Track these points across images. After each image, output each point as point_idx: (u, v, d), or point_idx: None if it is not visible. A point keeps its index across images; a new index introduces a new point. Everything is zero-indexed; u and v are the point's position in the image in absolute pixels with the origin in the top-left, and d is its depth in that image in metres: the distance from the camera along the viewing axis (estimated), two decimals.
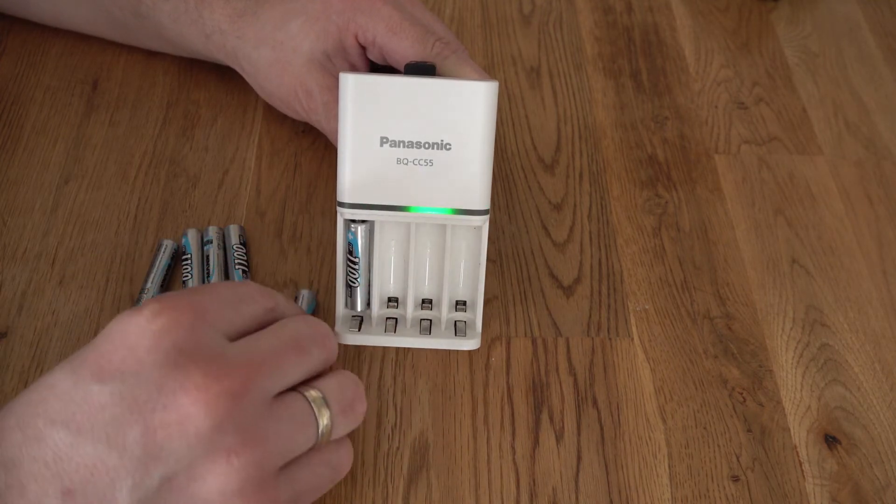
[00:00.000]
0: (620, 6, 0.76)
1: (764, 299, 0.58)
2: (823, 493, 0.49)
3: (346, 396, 0.44)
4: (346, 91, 0.49)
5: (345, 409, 0.44)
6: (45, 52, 0.69)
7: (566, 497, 0.49)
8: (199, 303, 0.41)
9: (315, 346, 0.44)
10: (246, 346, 0.42)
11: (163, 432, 0.38)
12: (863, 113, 0.69)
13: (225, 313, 0.42)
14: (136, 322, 0.39)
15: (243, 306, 0.43)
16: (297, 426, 0.42)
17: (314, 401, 0.43)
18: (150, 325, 0.39)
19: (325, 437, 0.43)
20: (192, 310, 0.41)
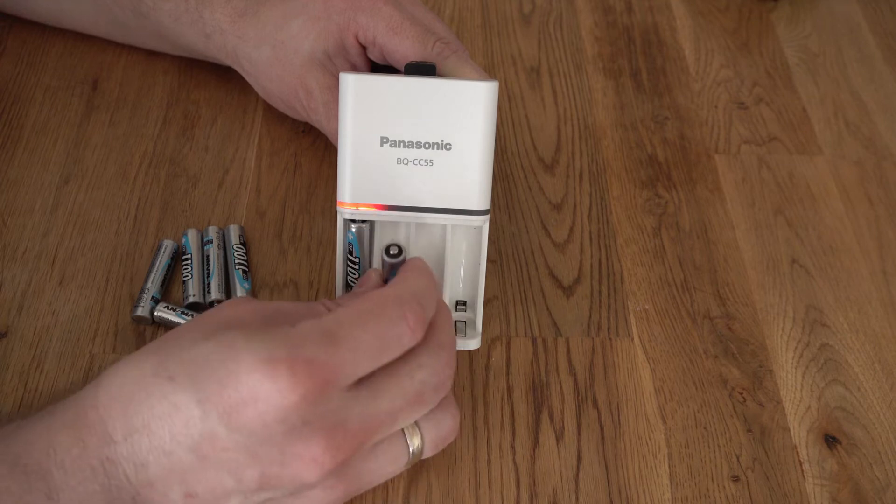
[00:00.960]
0: (620, 6, 0.76)
1: (764, 299, 0.58)
2: (823, 493, 0.49)
3: (443, 435, 0.47)
4: (347, 91, 0.49)
5: (437, 445, 0.47)
6: (45, 52, 0.69)
7: (566, 497, 0.49)
8: (333, 368, 0.41)
9: (436, 395, 0.45)
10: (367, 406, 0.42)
11: (276, 480, 0.41)
12: (863, 113, 0.69)
13: (359, 369, 0.42)
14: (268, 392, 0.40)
15: (384, 356, 0.43)
16: (389, 463, 0.45)
17: (413, 443, 0.46)
18: (283, 399, 0.40)
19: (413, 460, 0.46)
20: (323, 380, 0.40)
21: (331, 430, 0.41)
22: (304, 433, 0.40)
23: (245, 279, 0.56)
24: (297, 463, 0.41)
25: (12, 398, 0.51)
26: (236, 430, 0.40)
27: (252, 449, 0.40)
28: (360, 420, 0.42)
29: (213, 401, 0.40)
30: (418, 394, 0.44)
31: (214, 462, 0.41)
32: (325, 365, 0.40)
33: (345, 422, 0.41)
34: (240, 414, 0.40)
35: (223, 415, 0.40)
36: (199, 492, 0.41)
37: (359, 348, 0.42)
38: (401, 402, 0.43)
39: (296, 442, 0.40)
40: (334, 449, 0.41)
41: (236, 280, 0.56)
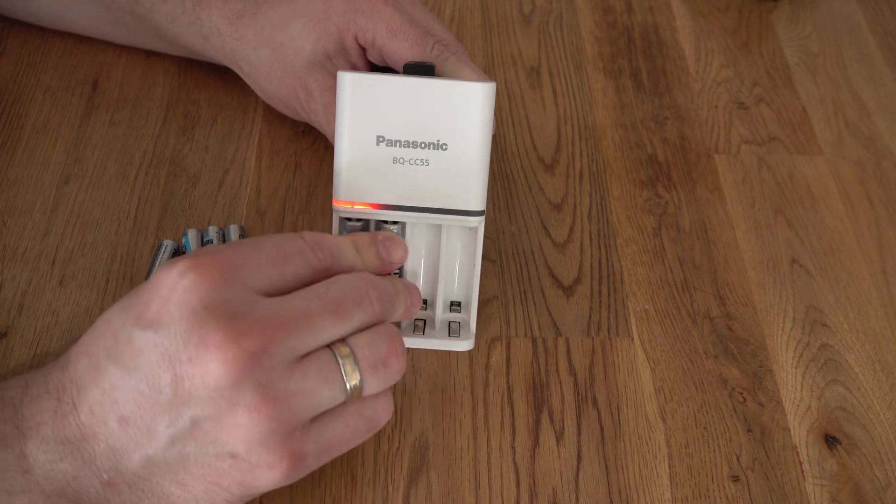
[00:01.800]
0: (620, 6, 0.76)
1: (764, 299, 0.58)
2: (823, 493, 0.49)
3: (378, 352, 0.44)
4: (344, 89, 0.49)
5: (375, 366, 0.44)
6: (45, 52, 0.69)
7: (566, 497, 0.49)
8: (234, 259, 0.42)
9: (359, 309, 0.44)
10: (276, 304, 0.42)
11: (188, 382, 0.40)
12: (863, 113, 0.69)
13: (263, 270, 0.43)
14: (169, 276, 0.41)
15: (287, 265, 0.43)
16: (322, 384, 0.42)
17: (342, 358, 0.43)
18: (181, 281, 0.41)
19: (354, 394, 0.43)
20: (223, 267, 0.42)
21: (231, 317, 0.41)
22: (203, 317, 0.40)
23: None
24: (202, 354, 0.40)
25: None
26: (146, 327, 0.41)
27: (161, 345, 0.40)
28: (266, 312, 0.41)
29: (132, 305, 0.42)
30: (335, 302, 0.43)
31: (133, 371, 0.41)
32: (225, 258, 0.42)
33: (248, 313, 0.41)
34: (148, 309, 0.41)
35: (137, 315, 0.41)
36: (129, 414, 0.41)
37: (260, 251, 0.43)
38: (316, 306, 0.42)
39: (197, 329, 0.40)
40: (235, 335, 0.40)
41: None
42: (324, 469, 0.49)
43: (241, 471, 0.42)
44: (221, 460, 0.42)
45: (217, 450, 0.41)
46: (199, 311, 0.41)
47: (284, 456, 0.42)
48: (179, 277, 0.41)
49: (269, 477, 0.42)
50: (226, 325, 0.40)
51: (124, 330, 0.41)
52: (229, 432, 0.41)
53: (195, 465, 0.42)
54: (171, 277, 0.41)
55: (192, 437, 0.41)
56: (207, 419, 0.41)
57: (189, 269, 0.41)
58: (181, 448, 0.41)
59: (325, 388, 0.43)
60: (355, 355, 0.43)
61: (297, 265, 0.44)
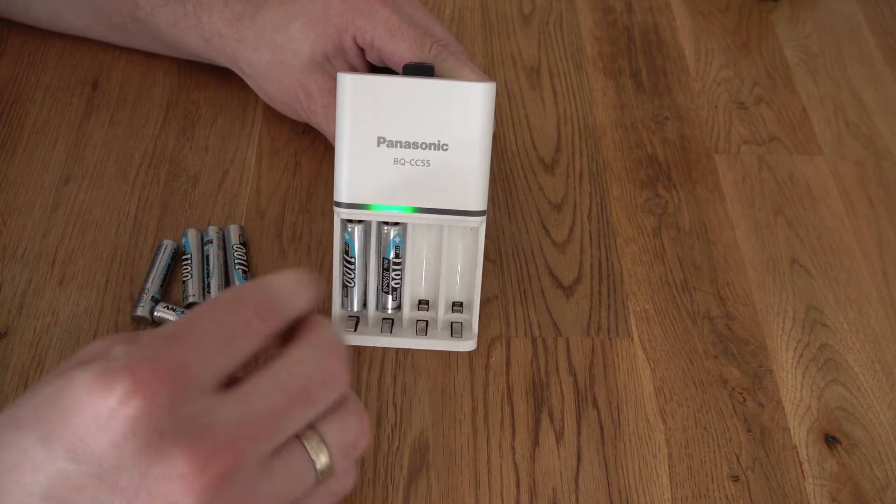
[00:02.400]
0: (620, 6, 0.76)
1: (764, 299, 0.58)
2: (823, 493, 0.49)
3: (349, 437, 0.41)
4: (344, 91, 0.49)
5: (346, 452, 0.41)
6: (45, 53, 0.69)
7: (566, 497, 0.49)
8: (178, 364, 0.36)
9: (325, 390, 0.40)
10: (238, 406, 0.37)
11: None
12: (863, 113, 0.69)
13: (211, 363, 0.37)
14: (107, 403, 0.35)
15: (234, 345, 0.38)
16: (294, 479, 0.39)
17: (312, 451, 0.40)
18: (124, 409, 0.35)
19: (323, 477, 0.41)
20: (170, 378, 0.36)
21: (194, 438, 0.36)
22: (161, 448, 0.35)
23: (245, 279, 0.56)
24: (165, 485, 0.35)
25: (12, 398, 0.51)
26: (86, 462, 0.35)
27: (110, 481, 0.35)
28: (230, 424, 0.36)
29: (57, 435, 0.35)
30: (303, 389, 0.39)
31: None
32: (167, 362, 0.36)
33: (210, 428, 0.36)
34: (85, 442, 0.35)
35: (69, 448, 0.35)
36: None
37: (203, 339, 0.37)
38: (281, 400, 0.38)
39: (155, 460, 0.35)
40: (203, 461, 0.35)
41: (236, 280, 0.56)
42: None
43: None
44: None
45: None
46: (154, 441, 0.35)
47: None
48: (120, 405, 0.35)
49: None
50: (189, 451, 0.35)
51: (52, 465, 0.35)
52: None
53: None
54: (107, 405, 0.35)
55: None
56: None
57: (132, 394, 0.35)
58: None
59: (296, 484, 0.40)
60: (326, 445, 0.40)
61: (247, 342, 0.39)
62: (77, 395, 0.35)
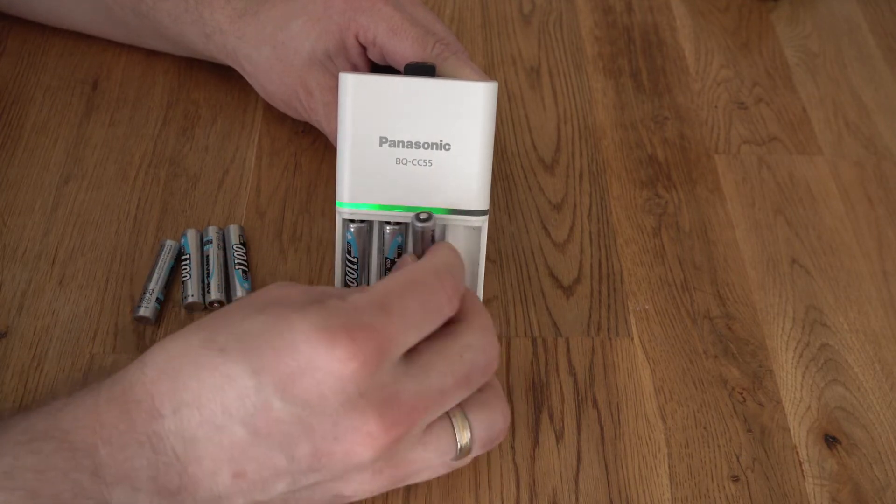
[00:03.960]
0: (620, 6, 0.76)
1: (764, 299, 0.58)
2: (823, 493, 0.49)
3: (493, 434, 0.46)
4: (346, 91, 0.49)
5: (486, 444, 0.46)
6: (45, 52, 0.69)
7: (566, 497, 0.49)
8: (388, 336, 0.41)
9: (483, 376, 0.44)
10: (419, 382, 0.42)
11: (328, 457, 0.40)
12: (863, 113, 0.69)
13: (408, 339, 0.42)
14: (328, 360, 0.39)
15: (428, 324, 0.43)
16: (438, 456, 0.44)
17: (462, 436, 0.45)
18: (342, 370, 0.39)
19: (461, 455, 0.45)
20: (381, 349, 0.40)
21: (385, 403, 0.40)
22: (359, 405, 0.40)
23: (245, 279, 0.56)
24: (352, 437, 0.40)
25: (12, 398, 0.51)
26: (292, 402, 0.39)
27: (307, 422, 0.40)
28: (412, 395, 0.41)
29: (269, 370, 0.39)
30: (466, 374, 0.43)
31: (266, 437, 0.40)
32: (380, 332, 0.40)
33: (398, 396, 0.41)
34: (296, 384, 0.39)
35: (279, 385, 0.39)
36: (248, 471, 0.40)
37: (407, 316, 0.42)
38: (450, 381, 0.43)
39: (352, 414, 0.40)
40: (389, 424, 0.40)
41: (236, 280, 0.56)
42: None
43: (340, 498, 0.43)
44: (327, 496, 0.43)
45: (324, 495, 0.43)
46: (355, 399, 0.40)
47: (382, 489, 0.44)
48: (340, 364, 0.39)
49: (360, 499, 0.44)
50: (380, 414, 0.40)
51: (258, 396, 0.39)
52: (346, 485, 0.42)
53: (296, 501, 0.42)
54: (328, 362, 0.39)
55: (309, 490, 0.42)
56: (332, 481, 0.42)
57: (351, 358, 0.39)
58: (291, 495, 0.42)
59: (437, 458, 0.45)
60: (472, 433, 0.45)
61: (437, 322, 0.43)
62: (295, 340, 0.39)
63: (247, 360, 0.40)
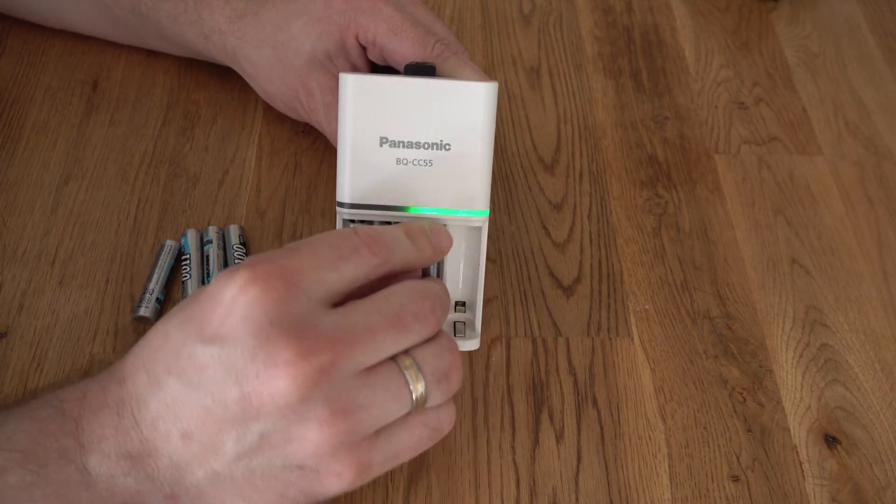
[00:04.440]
0: (620, 6, 0.76)
1: (764, 299, 0.58)
2: (823, 493, 0.49)
3: (442, 366, 0.44)
4: (346, 91, 0.49)
5: (439, 379, 0.44)
6: (45, 52, 0.69)
7: (566, 497, 0.49)
8: (294, 269, 0.41)
9: (417, 322, 0.44)
10: (341, 318, 0.42)
11: (256, 399, 0.40)
12: (863, 113, 0.69)
13: (322, 276, 0.42)
14: (230, 289, 0.40)
15: (344, 266, 0.43)
16: (389, 396, 0.43)
17: (408, 371, 0.43)
18: (243, 295, 0.40)
19: (419, 405, 0.44)
20: (285, 277, 0.41)
21: (298, 332, 0.40)
22: (271, 333, 0.40)
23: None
24: (271, 371, 0.40)
25: (12, 398, 0.51)
26: (210, 343, 0.40)
27: (226, 360, 0.40)
28: (331, 327, 0.41)
29: (192, 319, 0.41)
30: (396, 315, 0.43)
31: (198, 386, 0.40)
32: (284, 265, 0.41)
33: (315, 326, 0.41)
34: (210, 323, 0.40)
35: (199, 330, 0.41)
36: (193, 429, 0.41)
37: (317, 254, 0.42)
38: (377, 320, 0.42)
39: (264, 344, 0.40)
40: (304, 351, 0.40)
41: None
42: None
43: (309, 480, 0.42)
44: (289, 472, 0.42)
45: (285, 462, 0.42)
46: (265, 327, 0.40)
47: (352, 465, 0.42)
48: (241, 291, 0.40)
49: (336, 485, 0.42)
50: (294, 341, 0.40)
51: (185, 345, 0.41)
52: (298, 445, 0.41)
53: (261, 479, 0.42)
54: (231, 290, 0.40)
55: (260, 450, 0.41)
56: (276, 433, 0.41)
57: (250, 282, 0.40)
58: (248, 462, 0.41)
59: (392, 401, 0.43)
60: (421, 369, 0.43)
61: (355, 265, 0.43)
62: (211, 286, 0.41)
63: (177, 315, 0.42)
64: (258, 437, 0.41)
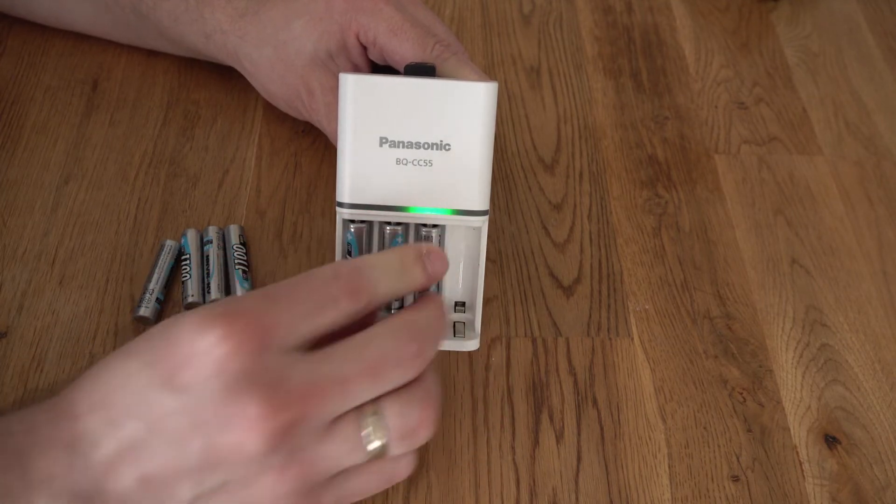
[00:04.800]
0: (620, 6, 0.76)
1: (764, 299, 0.58)
2: (823, 493, 0.49)
3: (409, 423, 0.43)
4: (346, 91, 0.50)
5: (404, 436, 0.43)
6: (45, 52, 0.69)
7: (566, 497, 0.49)
8: (270, 324, 0.40)
9: (397, 370, 0.42)
10: (313, 368, 0.41)
11: (220, 451, 0.40)
12: (863, 113, 0.69)
13: (299, 327, 0.41)
14: (204, 342, 0.39)
15: (323, 315, 0.42)
16: (348, 450, 0.42)
17: (370, 426, 0.42)
18: (217, 350, 0.39)
19: (375, 457, 0.43)
20: (261, 332, 0.40)
21: (269, 386, 0.39)
22: (241, 388, 0.39)
23: (245, 279, 0.56)
24: (238, 424, 0.39)
25: (12, 398, 0.51)
26: (178, 392, 0.39)
27: (193, 412, 0.39)
28: (303, 380, 0.40)
29: (159, 363, 0.40)
30: (374, 365, 0.41)
31: (161, 433, 0.40)
32: (259, 316, 0.40)
33: (286, 380, 0.40)
34: (180, 373, 0.40)
35: (166, 377, 0.40)
36: (151, 474, 0.40)
37: (292, 303, 0.41)
38: (352, 370, 0.41)
39: (234, 398, 0.39)
40: (273, 408, 0.39)
41: (236, 280, 0.56)
42: None
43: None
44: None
45: None
46: (236, 383, 0.39)
47: None
48: (214, 346, 0.39)
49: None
50: (264, 398, 0.39)
51: (150, 391, 0.40)
52: (255, 491, 0.41)
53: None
54: (204, 343, 0.39)
55: (216, 495, 0.41)
56: (235, 483, 0.41)
57: (224, 339, 0.39)
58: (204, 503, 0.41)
59: (350, 455, 0.42)
60: (386, 423, 0.42)
61: (332, 316, 0.42)
62: (180, 330, 0.40)
63: (144, 356, 0.40)
64: (216, 484, 0.41)
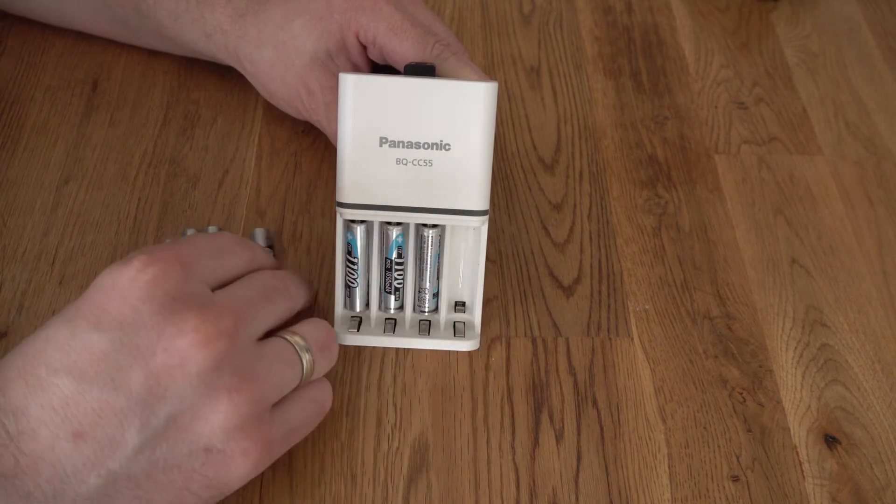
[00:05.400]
0: (620, 6, 0.76)
1: (764, 299, 0.58)
2: (823, 493, 0.49)
3: (321, 338, 0.47)
4: (346, 91, 0.49)
5: (322, 349, 0.47)
6: (45, 52, 0.69)
7: (566, 497, 0.49)
8: (185, 254, 0.43)
9: (279, 297, 0.47)
10: (227, 294, 0.44)
11: (165, 375, 0.40)
12: (863, 113, 0.69)
13: (208, 264, 0.45)
14: (126, 274, 0.41)
15: (225, 258, 0.46)
16: (284, 365, 0.45)
17: (296, 342, 0.46)
18: (142, 276, 0.41)
19: (308, 375, 0.46)
20: (179, 261, 0.42)
21: (201, 304, 0.42)
22: (175, 307, 0.41)
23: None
24: (179, 342, 0.40)
25: None
26: (108, 329, 0.40)
27: (130, 343, 0.40)
28: (224, 298, 0.43)
29: (80, 314, 0.40)
30: (265, 291, 0.46)
31: (95, 378, 0.39)
32: (172, 250, 0.43)
33: (211, 299, 0.43)
34: (107, 311, 0.40)
35: (91, 320, 0.40)
36: (87, 428, 0.39)
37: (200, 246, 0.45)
38: (253, 293, 0.45)
39: (170, 317, 0.40)
40: (212, 318, 0.41)
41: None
42: (324, 469, 0.49)
43: (215, 465, 0.42)
44: (194, 458, 0.41)
45: (191, 446, 0.41)
46: (168, 303, 0.41)
47: (258, 441, 0.42)
48: (138, 273, 0.41)
49: (243, 466, 0.42)
50: (199, 311, 0.41)
51: (76, 339, 0.40)
52: (207, 421, 0.41)
53: (163, 471, 0.41)
54: (127, 275, 0.41)
55: (165, 437, 0.40)
56: (185, 412, 0.40)
57: (148, 264, 0.41)
58: (150, 455, 0.40)
59: (287, 370, 0.45)
60: (305, 338, 0.46)
61: (232, 259, 0.47)
62: (100, 279, 0.42)
63: (60, 317, 0.41)
64: (164, 420, 0.40)
